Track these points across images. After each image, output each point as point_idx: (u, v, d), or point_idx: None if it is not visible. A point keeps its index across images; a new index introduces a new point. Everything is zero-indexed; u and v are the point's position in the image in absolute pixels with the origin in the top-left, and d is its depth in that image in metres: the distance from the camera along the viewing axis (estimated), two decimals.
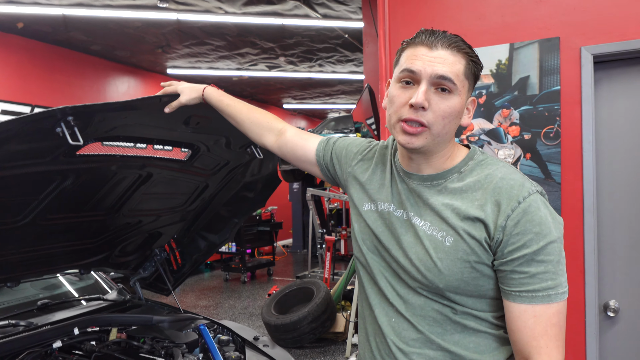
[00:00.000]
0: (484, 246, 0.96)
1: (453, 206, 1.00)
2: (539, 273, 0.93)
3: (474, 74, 1.03)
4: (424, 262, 1.00)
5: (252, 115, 1.41)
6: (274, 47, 6.73)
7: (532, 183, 0.98)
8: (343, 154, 1.28)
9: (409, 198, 1.08)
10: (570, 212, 2.10)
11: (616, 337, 2.12)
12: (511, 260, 0.94)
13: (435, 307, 1.02)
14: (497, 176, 0.99)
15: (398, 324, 1.07)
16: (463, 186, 1.01)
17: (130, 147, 1.71)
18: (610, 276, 2.13)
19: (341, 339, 4.74)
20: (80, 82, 6.69)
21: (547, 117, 2.14)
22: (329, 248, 6.33)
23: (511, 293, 0.95)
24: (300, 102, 11.31)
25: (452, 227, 0.98)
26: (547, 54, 2.14)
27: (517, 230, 0.93)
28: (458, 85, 0.98)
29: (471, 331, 1.01)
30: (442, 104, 0.98)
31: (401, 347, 1.06)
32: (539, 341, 0.94)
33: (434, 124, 0.98)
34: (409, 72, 1.00)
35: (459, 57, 0.98)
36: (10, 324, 1.97)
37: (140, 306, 2.43)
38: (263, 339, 2.17)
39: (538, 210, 0.93)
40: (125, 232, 2.23)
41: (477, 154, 1.07)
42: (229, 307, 6.25)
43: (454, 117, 1.00)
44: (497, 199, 0.96)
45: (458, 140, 2.32)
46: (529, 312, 0.94)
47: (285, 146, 1.37)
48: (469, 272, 0.97)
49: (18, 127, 1.19)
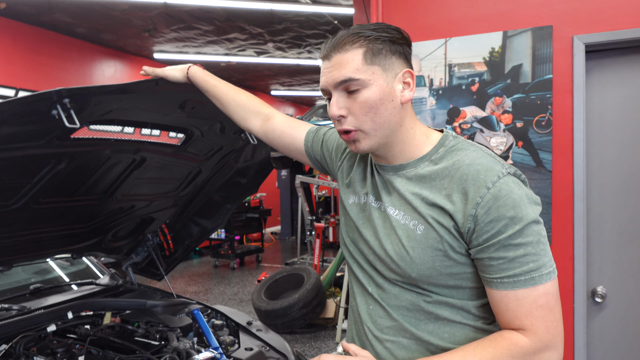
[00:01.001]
0: (453, 234, 0.94)
1: (422, 195, 0.99)
2: (517, 257, 0.89)
3: (387, 50, 0.97)
4: (397, 251, 1.00)
5: (238, 98, 1.38)
6: (263, 32, 6.67)
7: (502, 165, 0.95)
8: (334, 147, 1.28)
9: (383, 189, 1.08)
10: (561, 199, 2.14)
11: (603, 323, 2.18)
12: (487, 247, 0.91)
13: (410, 298, 1.02)
14: (464, 162, 0.96)
15: (375, 312, 1.07)
16: (432, 174, 0.99)
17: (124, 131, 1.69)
18: (598, 263, 2.18)
19: (331, 324, 4.79)
20: (66, 66, 6.57)
21: (539, 106, 2.16)
22: (318, 235, 6.36)
23: (493, 280, 0.92)
24: (288, 89, 11.25)
25: (422, 216, 0.97)
26: (540, 42, 2.15)
27: (489, 217, 0.89)
28: (363, 77, 0.96)
29: (445, 321, 1.00)
30: (355, 104, 0.97)
31: (376, 334, 1.06)
32: (522, 320, 0.91)
33: (360, 124, 0.98)
34: (322, 91, 1.03)
35: (354, 50, 0.96)
36: (3, 308, 1.95)
37: (133, 291, 2.43)
38: (256, 324, 2.18)
39: (510, 193, 0.90)
40: (117, 216, 2.22)
41: (449, 140, 1.03)
42: (219, 293, 6.27)
43: (377, 107, 0.97)
44: (464, 187, 0.93)
45: (450, 127, 2.36)
46: (511, 296, 0.91)
47: (272, 133, 1.35)
48: (441, 260, 0.96)
49: (14, 109, 1.17)
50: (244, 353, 1.86)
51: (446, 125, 2.34)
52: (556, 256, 2.15)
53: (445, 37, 2.31)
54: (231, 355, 1.82)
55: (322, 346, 4.38)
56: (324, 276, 5.17)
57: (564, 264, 2.14)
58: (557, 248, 2.15)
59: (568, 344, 2.15)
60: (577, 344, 2.13)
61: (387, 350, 1.05)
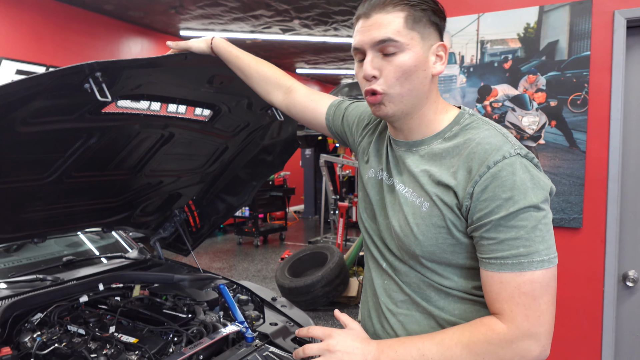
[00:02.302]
0: (455, 212, 0.94)
1: (430, 172, 0.99)
2: (508, 239, 0.88)
3: (426, 19, 0.97)
4: (403, 228, 1.01)
5: (260, 69, 1.38)
6: (289, 9, 6.59)
7: (512, 146, 0.92)
8: (355, 122, 1.27)
9: (395, 165, 1.08)
10: (594, 181, 2.08)
11: (634, 307, 2.13)
12: (479, 225, 0.91)
13: (417, 275, 1.03)
14: (474, 140, 0.95)
15: (389, 286, 1.09)
16: (442, 152, 0.99)
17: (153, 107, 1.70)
18: (631, 246, 2.12)
19: (354, 302, 4.83)
20: (94, 43, 6.64)
21: (575, 84, 2.09)
22: (341, 214, 6.36)
23: (482, 260, 0.93)
24: (313, 67, 11.15)
25: (427, 193, 0.98)
26: (578, 17, 2.07)
27: (484, 196, 0.89)
28: (402, 41, 0.95)
29: (456, 298, 1.00)
30: (390, 67, 0.96)
31: (390, 307, 1.08)
32: (502, 304, 0.90)
33: (389, 87, 0.97)
34: (356, 49, 1.01)
35: (396, 13, 0.95)
36: (38, 279, 2.02)
37: (160, 265, 2.48)
38: (281, 300, 2.21)
39: (512, 175, 0.88)
40: (146, 192, 2.25)
41: (465, 117, 1.02)
42: (243, 270, 6.36)
43: (410, 73, 0.96)
44: (469, 165, 0.93)
45: (480, 107, 2.30)
46: (495, 278, 0.90)
47: (294, 107, 1.34)
48: (444, 238, 0.96)
49: (47, 81, 1.18)
50: (269, 328, 1.88)
51: (476, 104, 2.28)
52: (587, 239, 2.11)
53: (478, 13, 2.23)
54: (256, 330, 1.85)
55: None
56: (347, 255, 5.19)
57: (594, 247, 2.09)
58: (588, 230, 2.10)
59: (596, 328, 2.11)
60: (606, 328, 2.09)
61: (400, 323, 1.06)
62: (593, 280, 2.10)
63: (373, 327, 1.13)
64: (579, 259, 2.12)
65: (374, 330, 1.13)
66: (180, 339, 1.71)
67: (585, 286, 2.12)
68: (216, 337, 1.68)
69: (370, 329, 1.15)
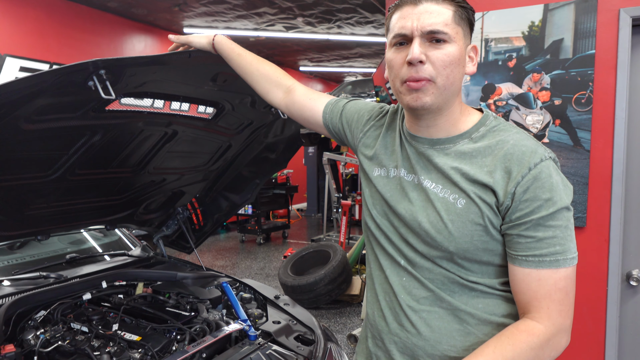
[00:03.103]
0: (494, 210, 0.96)
1: (462, 170, 0.99)
2: (546, 238, 0.93)
3: (467, 19, 1.01)
4: (434, 224, 1.01)
5: (261, 68, 1.37)
6: (293, 6, 6.58)
7: (545, 149, 0.97)
8: (355, 119, 1.26)
9: (418, 162, 1.07)
10: (599, 180, 2.07)
11: (637, 306, 2.12)
12: (519, 224, 0.94)
13: (442, 272, 1.03)
14: (508, 142, 0.98)
15: (409, 283, 1.08)
16: (473, 151, 1.01)
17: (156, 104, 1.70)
18: (635, 246, 2.11)
19: (356, 301, 4.83)
20: (97, 40, 6.64)
21: (579, 82, 2.08)
22: (345, 212, 6.36)
23: (517, 257, 0.95)
24: (317, 65, 11.14)
25: (463, 190, 0.98)
26: (583, 15, 2.05)
27: (526, 196, 0.93)
28: (450, 33, 0.96)
29: (479, 292, 1.02)
30: (439, 54, 0.96)
31: (411, 304, 1.07)
32: (540, 302, 0.94)
33: (437, 76, 0.97)
34: (400, 34, 0.99)
35: (445, 5, 0.97)
36: (41, 276, 2.03)
37: (163, 263, 2.48)
38: (284, 298, 2.21)
39: (549, 177, 0.93)
40: (149, 189, 2.26)
41: (490, 120, 1.05)
42: (246, 268, 6.38)
43: (455, 65, 0.98)
44: (508, 166, 0.95)
45: (485, 105, 2.29)
46: (533, 275, 0.94)
47: (293, 106, 1.34)
48: (479, 235, 0.97)
49: (51, 79, 1.18)
50: (272, 326, 1.88)
51: (480, 103, 2.27)
52: (591, 238, 2.10)
53: (483, 11, 2.22)
54: (259, 328, 1.85)
55: (347, 322, 4.43)
56: (350, 253, 5.19)
57: (598, 246, 2.08)
58: (592, 229, 2.09)
59: (599, 327, 2.11)
60: (610, 327, 2.08)
61: (423, 320, 1.06)
62: (597, 279, 2.09)
63: (388, 327, 1.12)
64: (583, 258, 2.11)
65: (388, 330, 1.12)
66: (183, 337, 1.71)
67: (589, 285, 2.11)
68: (219, 335, 1.69)
69: (383, 328, 1.13)
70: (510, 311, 1.02)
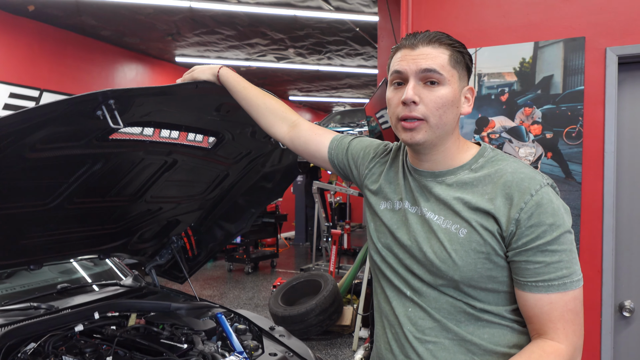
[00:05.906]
0: (496, 237, 0.99)
1: (464, 199, 1.03)
2: (553, 262, 0.95)
3: (464, 63, 1.06)
4: (438, 254, 1.03)
5: (267, 102, 1.40)
6: (284, 38, 6.72)
7: (542, 176, 1.01)
8: (361, 156, 1.30)
9: (421, 194, 1.11)
10: (590, 211, 2.11)
11: (631, 337, 2.14)
12: (525, 250, 0.96)
13: (448, 300, 1.05)
14: (507, 171, 1.02)
15: (414, 314, 1.09)
16: (474, 180, 1.04)
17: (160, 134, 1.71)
18: (626, 277, 2.14)
19: (347, 332, 4.77)
20: (89, 68, 6.67)
21: (569, 117, 2.14)
22: (334, 241, 6.34)
23: (527, 284, 0.97)
24: (306, 95, 11.29)
25: (465, 219, 1.01)
26: (572, 53, 2.14)
27: (530, 222, 0.95)
28: (445, 75, 1.02)
29: (485, 322, 1.03)
30: (432, 96, 1.02)
31: (417, 335, 1.08)
32: (555, 324, 0.97)
33: (429, 116, 1.02)
34: (397, 73, 1.06)
35: (442, 50, 1.03)
36: (31, 306, 1.98)
37: (156, 293, 2.44)
38: (279, 329, 2.18)
39: (551, 202, 0.96)
40: (145, 218, 2.24)
41: (488, 151, 1.09)
42: (234, 297, 6.28)
43: (449, 106, 1.03)
44: (509, 192, 0.98)
45: (478, 137, 2.34)
46: (545, 299, 0.96)
47: (297, 140, 1.36)
48: (483, 263, 0.99)
49: (62, 108, 1.19)
50: (268, 358, 1.86)
51: (474, 135, 2.32)
52: (584, 268, 2.12)
53: (476, 47, 2.30)
54: None
55: (339, 353, 4.36)
56: (341, 283, 5.15)
57: (591, 277, 2.11)
58: (585, 260, 2.12)
59: (594, 358, 2.11)
60: (604, 358, 2.09)
61: (429, 351, 1.07)
62: (591, 310, 2.11)
63: (395, 359, 1.13)
64: None
65: None
66: None
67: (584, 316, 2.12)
68: None
69: None
70: (515, 342, 1.03)
